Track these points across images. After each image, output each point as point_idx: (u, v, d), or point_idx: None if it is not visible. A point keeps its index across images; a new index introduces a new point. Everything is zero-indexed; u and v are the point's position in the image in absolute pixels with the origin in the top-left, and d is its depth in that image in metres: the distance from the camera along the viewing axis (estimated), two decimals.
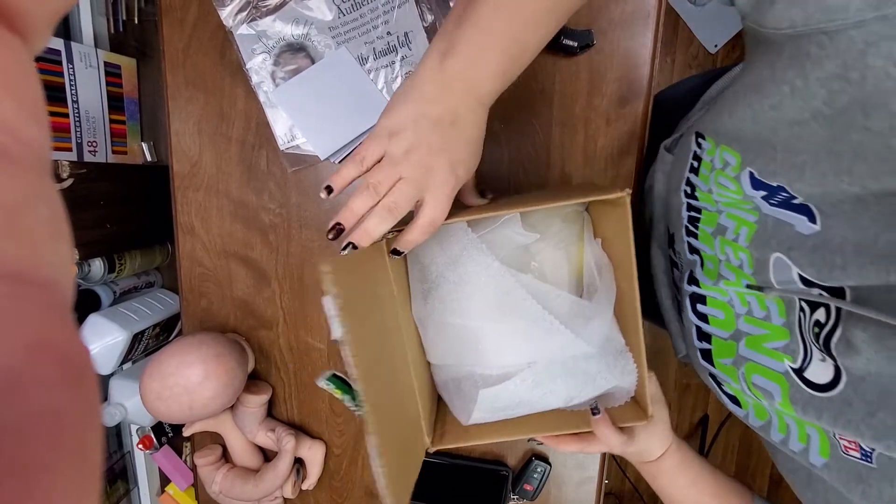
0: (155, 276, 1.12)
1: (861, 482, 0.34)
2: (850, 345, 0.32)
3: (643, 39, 0.57)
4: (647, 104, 0.59)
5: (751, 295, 0.40)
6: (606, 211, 0.46)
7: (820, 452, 0.37)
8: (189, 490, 1.04)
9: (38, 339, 0.09)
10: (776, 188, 0.34)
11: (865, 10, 0.24)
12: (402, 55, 0.59)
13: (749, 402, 0.43)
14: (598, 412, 0.46)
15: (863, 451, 0.34)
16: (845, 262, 0.31)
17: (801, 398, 0.36)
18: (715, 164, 0.41)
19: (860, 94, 0.26)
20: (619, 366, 0.47)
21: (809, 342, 0.36)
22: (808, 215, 0.33)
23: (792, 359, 0.37)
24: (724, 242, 0.42)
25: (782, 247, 0.36)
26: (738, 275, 0.41)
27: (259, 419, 0.67)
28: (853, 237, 0.31)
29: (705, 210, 0.44)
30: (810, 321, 0.35)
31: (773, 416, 0.41)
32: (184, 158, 0.64)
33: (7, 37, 0.10)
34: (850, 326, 0.32)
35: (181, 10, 0.60)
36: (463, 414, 0.48)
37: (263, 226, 0.65)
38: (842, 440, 0.35)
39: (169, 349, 0.57)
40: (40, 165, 0.10)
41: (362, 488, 0.73)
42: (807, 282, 0.34)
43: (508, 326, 0.45)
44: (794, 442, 0.39)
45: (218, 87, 0.62)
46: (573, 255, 0.51)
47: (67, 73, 0.91)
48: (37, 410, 0.08)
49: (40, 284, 0.09)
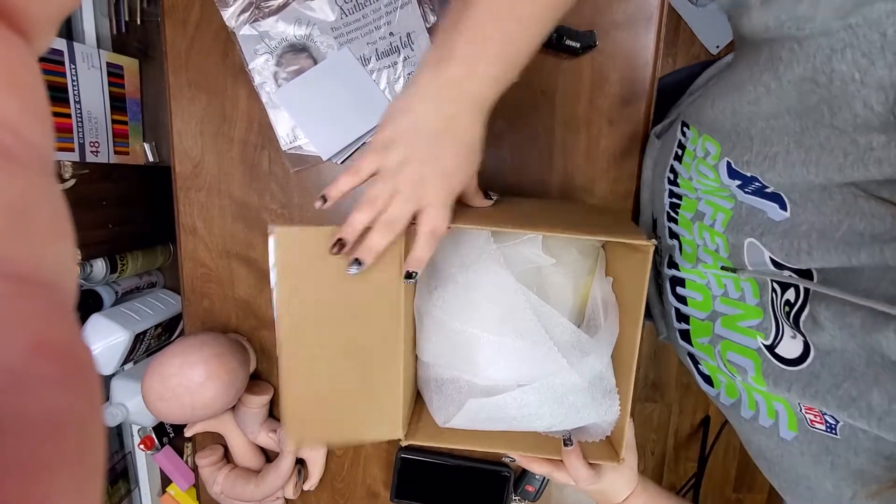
0: (157, 277, 1.12)
1: (829, 454, 0.36)
2: (816, 322, 0.34)
3: (645, 40, 0.57)
4: (649, 105, 0.59)
5: (727, 277, 0.43)
6: (626, 252, 0.46)
7: (788, 426, 0.39)
8: (190, 490, 1.04)
9: (40, 339, 0.09)
10: (750, 178, 0.36)
11: (832, 20, 0.26)
12: (404, 56, 0.59)
13: (722, 381, 0.45)
14: (570, 444, 0.47)
15: (827, 423, 0.36)
16: (811, 246, 0.34)
17: (773, 372, 0.38)
18: (697, 153, 0.43)
19: (827, 95, 0.28)
20: (605, 405, 0.47)
21: (781, 320, 0.38)
22: (780, 203, 0.36)
23: (764, 336, 0.39)
24: (703, 228, 0.44)
25: (755, 232, 0.38)
26: (715, 258, 0.43)
27: (261, 420, 0.67)
28: (819, 224, 0.33)
29: (685, 196, 0.46)
30: (781, 300, 0.37)
31: (743, 393, 0.43)
32: (186, 159, 0.64)
33: (10, 37, 0.10)
34: (816, 305, 0.34)
35: (184, 10, 0.60)
36: (441, 415, 0.48)
37: (265, 226, 0.65)
38: (808, 413, 0.37)
39: (170, 349, 0.57)
40: (43, 165, 0.10)
41: (364, 489, 0.73)
42: (777, 264, 0.37)
43: (507, 342, 0.45)
44: (763, 418, 0.41)
45: (220, 87, 0.62)
46: (580, 287, 0.52)
47: (70, 74, 0.91)
48: (39, 410, 0.08)
49: (43, 284, 0.09)
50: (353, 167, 0.41)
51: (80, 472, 0.09)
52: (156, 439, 0.99)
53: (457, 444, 0.49)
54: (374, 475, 0.72)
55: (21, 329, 0.09)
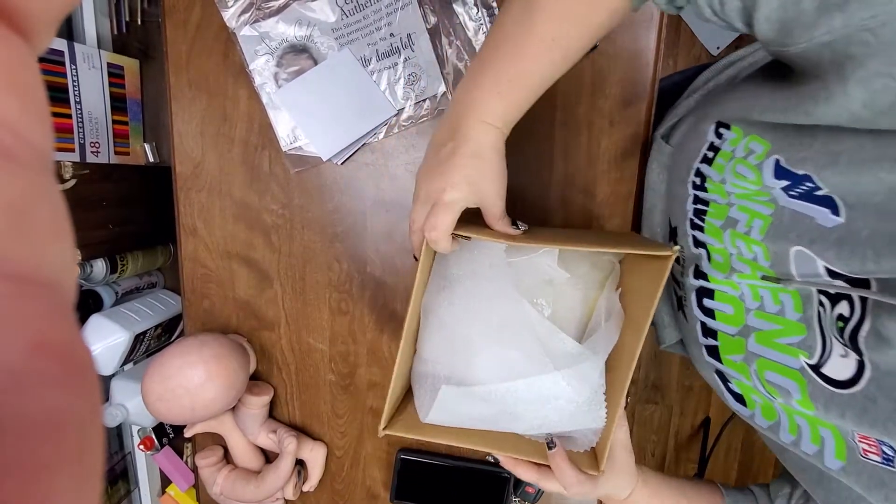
0: (157, 277, 1.12)
1: (884, 487, 0.33)
2: (881, 337, 0.30)
3: (646, 41, 0.57)
4: (650, 106, 0.59)
5: (765, 289, 0.39)
6: (642, 264, 0.46)
7: (836, 455, 0.36)
8: (190, 491, 1.04)
9: (40, 339, 0.09)
10: (801, 177, 0.34)
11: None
12: (404, 57, 0.59)
13: (757, 401, 0.42)
14: (553, 445, 0.46)
15: (884, 454, 0.33)
16: (877, 253, 0.30)
17: (822, 395, 0.35)
18: (736, 153, 0.40)
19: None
20: (592, 414, 0.47)
21: (830, 337, 0.35)
22: (831, 207, 0.33)
23: (808, 355, 0.36)
24: (735, 235, 0.41)
25: (803, 240, 0.35)
26: (754, 268, 0.40)
27: (260, 420, 0.67)
28: (886, 228, 0.30)
29: (714, 203, 0.43)
30: (832, 316, 0.34)
31: (783, 415, 0.40)
32: (186, 159, 0.64)
33: (10, 36, 0.10)
34: (880, 318, 0.30)
35: (184, 11, 0.60)
36: (422, 409, 0.49)
37: (266, 227, 0.65)
38: (861, 443, 0.34)
39: (170, 350, 0.57)
40: (43, 165, 0.10)
41: (364, 490, 0.73)
42: (833, 274, 0.34)
43: (504, 351, 0.46)
44: (806, 444, 0.38)
45: (221, 88, 0.62)
46: (590, 300, 0.52)
47: (70, 74, 0.91)
48: (39, 410, 0.08)
49: (43, 284, 0.09)
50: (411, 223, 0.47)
51: (80, 472, 0.09)
52: (155, 440, 0.99)
53: (436, 437, 0.49)
54: (373, 476, 0.72)
55: (21, 329, 0.09)
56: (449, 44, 0.58)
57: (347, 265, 0.65)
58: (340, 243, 0.65)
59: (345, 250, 0.65)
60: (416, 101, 0.60)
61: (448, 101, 0.59)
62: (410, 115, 0.60)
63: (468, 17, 0.57)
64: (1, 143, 0.09)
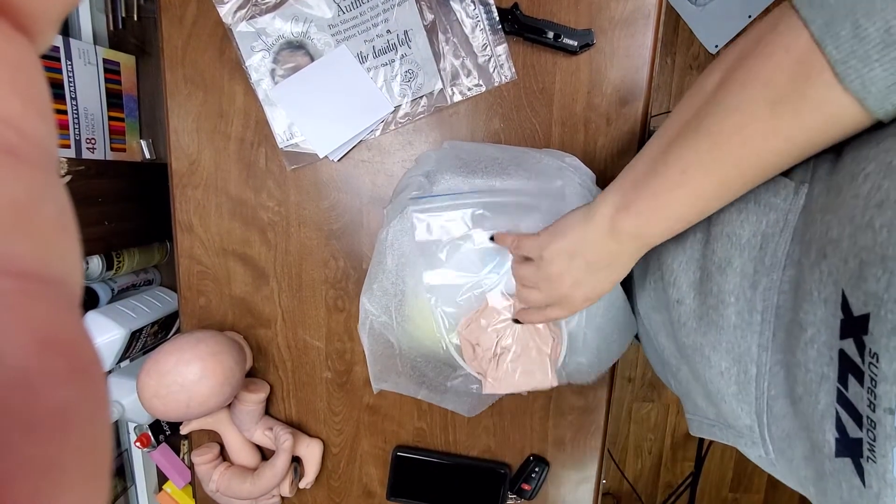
0: (153, 274, 1.12)
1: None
2: None
3: (643, 39, 0.57)
4: (647, 104, 0.59)
5: None
6: None
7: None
8: (186, 488, 1.04)
9: (47, 336, 0.09)
10: None
11: None
12: (401, 53, 0.58)
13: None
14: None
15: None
16: None
17: None
18: None
19: None
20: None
21: None
22: None
23: None
24: None
25: None
26: None
27: (257, 417, 0.67)
28: None
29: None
30: None
31: None
32: (182, 156, 0.64)
33: (12, 35, 0.10)
34: None
35: (180, 7, 0.60)
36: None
37: (262, 224, 0.65)
38: None
39: (167, 347, 0.57)
40: (47, 162, 0.10)
41: (360, 487, 0.73)
42: None
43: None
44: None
45: (217, 84, 0.62)
46: None
47: (66, 70, 0.91)
48: (46, 407, 0.08)
49: (49, 281, 0.09)
50: (516, 240, 0.46)
51: (89, 468, 0.09)
52: (152, 437, 0.99)
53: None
54: (370, 473, 0.72)
55: (28, 326, 0.09)
56: (446, 41, 0.58)
57: (344, 262, 0.65)
58: (337, 240, 0.65)
59: (341, 247, 0.65)
60: (413, 97, 0.59)
61: (444, 98, 0.59)
62: (407, 112, 0.60)
63: (465, 14, 0.57)
64: (5, 140, 0.09)
